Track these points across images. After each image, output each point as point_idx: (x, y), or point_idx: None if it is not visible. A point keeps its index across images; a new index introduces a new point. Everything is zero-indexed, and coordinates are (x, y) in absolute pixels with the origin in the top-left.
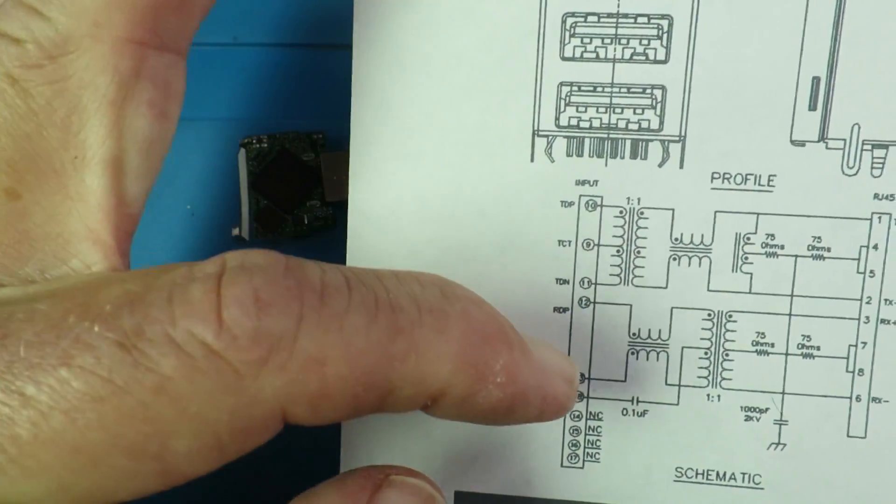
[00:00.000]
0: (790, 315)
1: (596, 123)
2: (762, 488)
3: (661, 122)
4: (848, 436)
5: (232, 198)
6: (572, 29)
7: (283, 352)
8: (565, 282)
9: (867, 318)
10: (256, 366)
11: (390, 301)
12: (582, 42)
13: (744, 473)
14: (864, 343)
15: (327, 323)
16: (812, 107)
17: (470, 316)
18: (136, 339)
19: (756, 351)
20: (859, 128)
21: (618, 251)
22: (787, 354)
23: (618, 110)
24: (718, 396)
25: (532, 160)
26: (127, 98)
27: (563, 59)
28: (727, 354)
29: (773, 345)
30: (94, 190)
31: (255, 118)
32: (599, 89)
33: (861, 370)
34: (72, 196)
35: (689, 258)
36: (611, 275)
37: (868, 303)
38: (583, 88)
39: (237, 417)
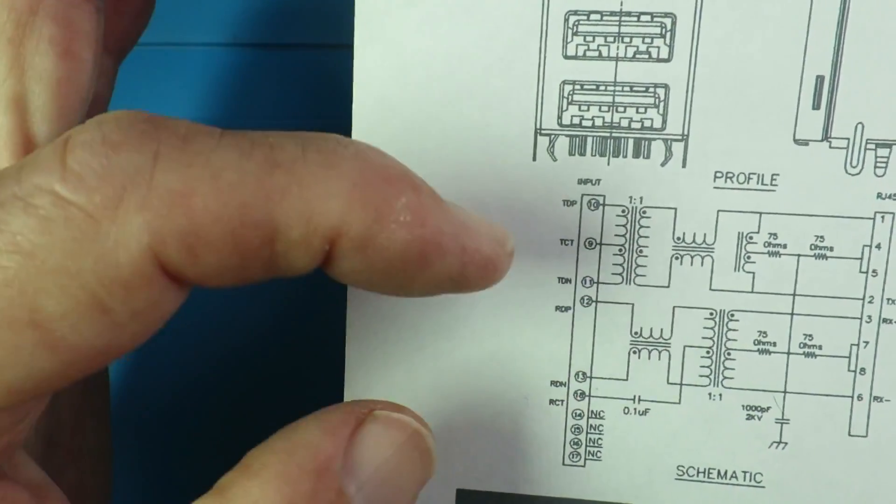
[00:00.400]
0: (792, 314)
1: (598, 122)
2: (763, 487)
3: (664, 121)
4: (849, 435)
5: None
6: (575, 27)
7: (140, 188)
8: (567, 281)
9: (869, 317)
10: (111, 206)
11: (269, 141)
12: (585, 40)
13: (745, 472)
14: (866, 342)
15: (190, 158)
16: (816, 106)
17: (365, 156)
18: None
19: (758, 350)
20: (863, 127)
21: (620, 250)
22: (788, 353)
23: (620, 109)
24: (720, 395)
25: (534, 159)
26: (25, 36)
27: (566, 57)
28: (729, 353)
29: (774, 344)
30: None
31: (256, 118)
32: (602, 88)
33: (863, 369)
34: None
35: (692, 257)
36: (613, 274)
37: (870, 302)
38: (585, 87)
39: (103, 266)
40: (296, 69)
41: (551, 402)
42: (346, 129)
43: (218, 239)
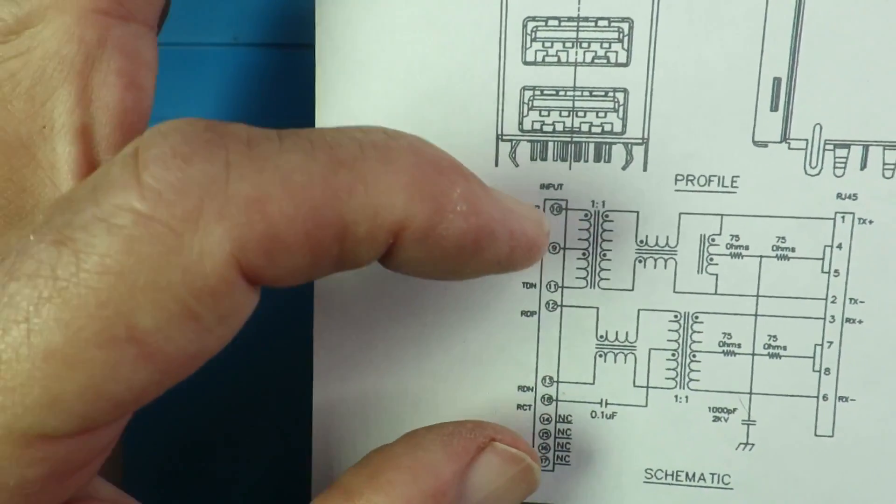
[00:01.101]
0: (756, 315)
1: (559, 127)
2: (731, 488)
3: (624, 125)
4: (815, 435)
5: None
6: (533, 33)
7: (217, 197)
8: (532, 285)
9: (833, 317)
10: (192, 218)
11: (327, 140)
12: (543, 46)
13: (713, 474)
14: (830, 342)
15: (260, 163)
16: (774, 107)
17: (417, 149)
18: (68, 232)
19: (723, 352)
20: (821, 128)
21: (584, 254)
22: (753, 355)
23: (580, 114)
24: (686, 398)
25: (496, 165)
26: (94, 68)
27: (525, 63)
28: (694, 355)
29: (739, 345)
30: (66, 158)
31: (256, 118)
32: (562, 93)
33: (827, 369)
34: (43, 166)
35: (655, 260)
36: (577, 278)
37: (833, 302)
38: (545, 92)
39: (190, 277)
40: (296, 69)
41: (519, 406)
42: None
43: (294, 241)
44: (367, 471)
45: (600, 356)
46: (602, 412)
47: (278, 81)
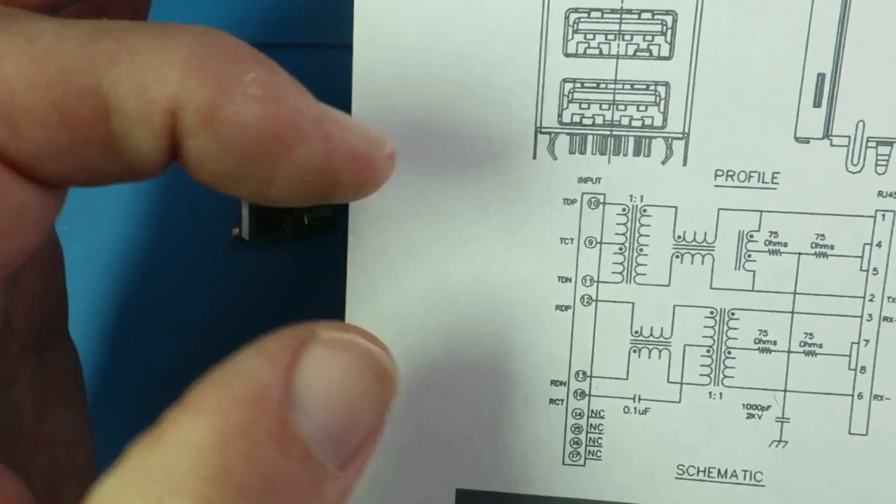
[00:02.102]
0: (793, 313)
1: (599, 120)
2: (763, 485)
3: (665, 119)
4: (849, 433)
5: (232, 198)
6: (576, 25)
7: None
8: (567, 280)
9: (870, 315)
10: None
11: (105, 18)
12: (585, 38)
13: (745, 471)
14: (867, 341)
15: (6, 29)
16: (817, 103)
17: (211, 32)
18: None
19: (758, 349)
20: (864, 125)
21: (620, 249)
22: (789, 352)
23: (621, 107)
24: (720, 394)
25: (534, 157)
26: None
27: (567, 55)
28: (729, 352)
29: (775, 342)
30: None
31: None
32: (603, 86)
33: (863, 368)
34: None
35: (692, 256)
36: (613, 272)
37: (871, 300)
38: (586, 85)
39: None
40: (296, 69)
41: (551, 401)
42: None
43: (39, 108)
44: (179, 401)
45: (634, 351)
46: (635, 408)
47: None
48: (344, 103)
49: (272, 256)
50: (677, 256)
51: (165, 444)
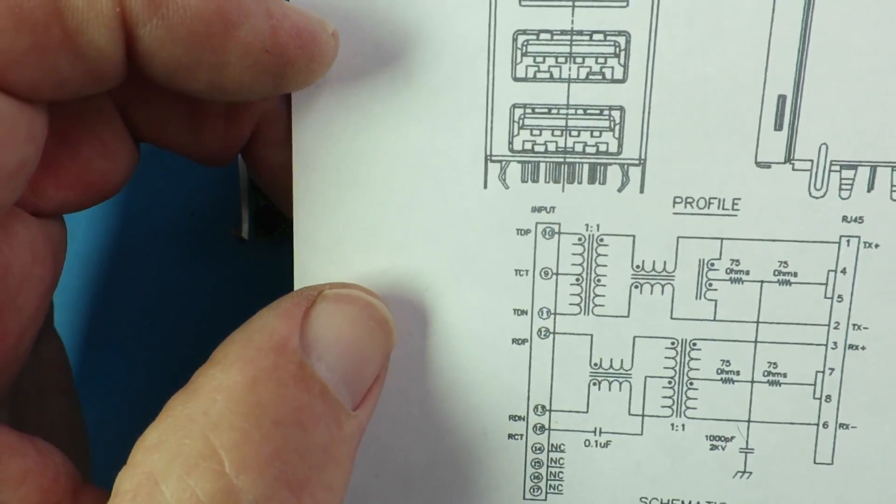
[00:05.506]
0: (756, 342)
1: (551, 147)
2: None
3: (620, 145)
4: (815, 462)
5: (232, 198)
6: (524, 47)
7: None
8: (523, 312)
9: (835, 343)
10: None
11: None
12: (535, 61)
13: (709, 502)
14: (832, 369)
15: None
16: (778, 126)
17: None
18: None
19: (721, 379)
20: (827, 148)
21: (577, 280)
22: (752, 382)
23: (574, 133)
24: (683, 426)
25: (485, 186)
26: None
27: (515, 79)
28: (691, 383)
29: (738, 372)
30: None
31: None
32: (554, 111)
33: (828, 396)
34: None
35: (652, 286)
36: (570, 304)
37: (836, 328)
38: (537, 110)
39: None
40: None
41: (510, 436)
42: None
43: None
44: (207, 361)
45: (594, 384)
46: (596, 441)
47: None
48: None
49: (272, 256)
50: (636, 286)
51: (201, 392)
